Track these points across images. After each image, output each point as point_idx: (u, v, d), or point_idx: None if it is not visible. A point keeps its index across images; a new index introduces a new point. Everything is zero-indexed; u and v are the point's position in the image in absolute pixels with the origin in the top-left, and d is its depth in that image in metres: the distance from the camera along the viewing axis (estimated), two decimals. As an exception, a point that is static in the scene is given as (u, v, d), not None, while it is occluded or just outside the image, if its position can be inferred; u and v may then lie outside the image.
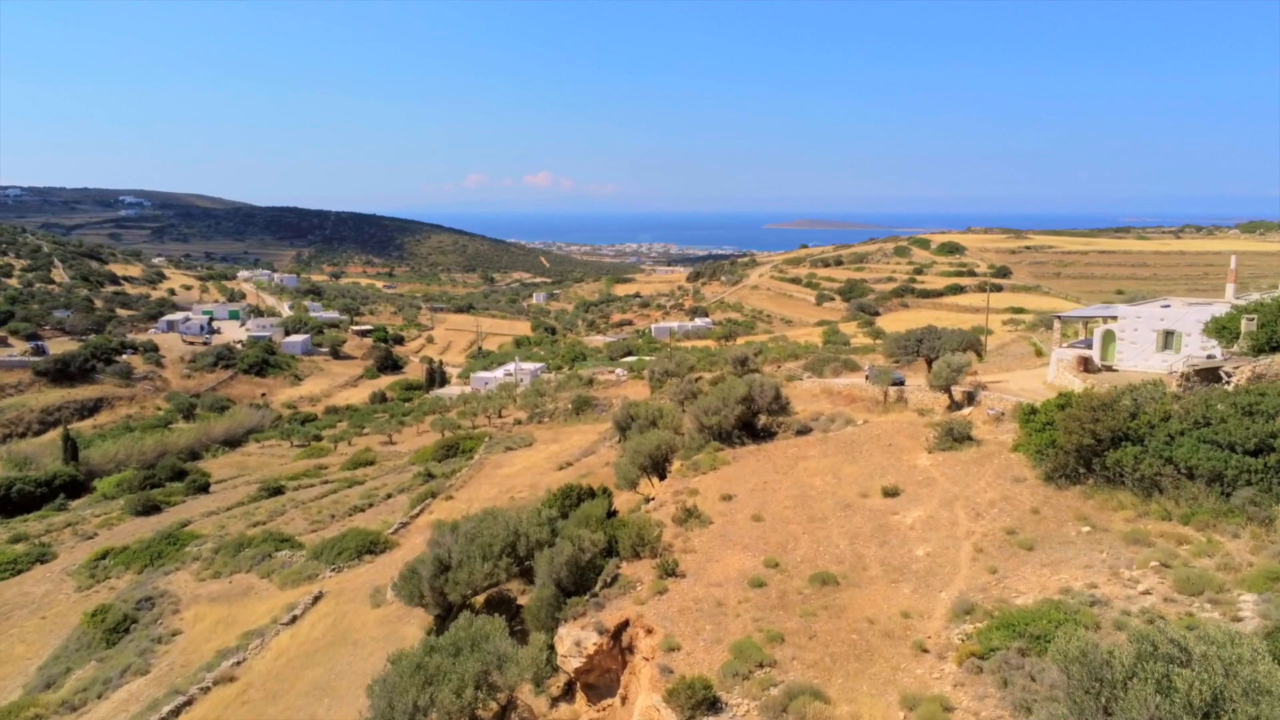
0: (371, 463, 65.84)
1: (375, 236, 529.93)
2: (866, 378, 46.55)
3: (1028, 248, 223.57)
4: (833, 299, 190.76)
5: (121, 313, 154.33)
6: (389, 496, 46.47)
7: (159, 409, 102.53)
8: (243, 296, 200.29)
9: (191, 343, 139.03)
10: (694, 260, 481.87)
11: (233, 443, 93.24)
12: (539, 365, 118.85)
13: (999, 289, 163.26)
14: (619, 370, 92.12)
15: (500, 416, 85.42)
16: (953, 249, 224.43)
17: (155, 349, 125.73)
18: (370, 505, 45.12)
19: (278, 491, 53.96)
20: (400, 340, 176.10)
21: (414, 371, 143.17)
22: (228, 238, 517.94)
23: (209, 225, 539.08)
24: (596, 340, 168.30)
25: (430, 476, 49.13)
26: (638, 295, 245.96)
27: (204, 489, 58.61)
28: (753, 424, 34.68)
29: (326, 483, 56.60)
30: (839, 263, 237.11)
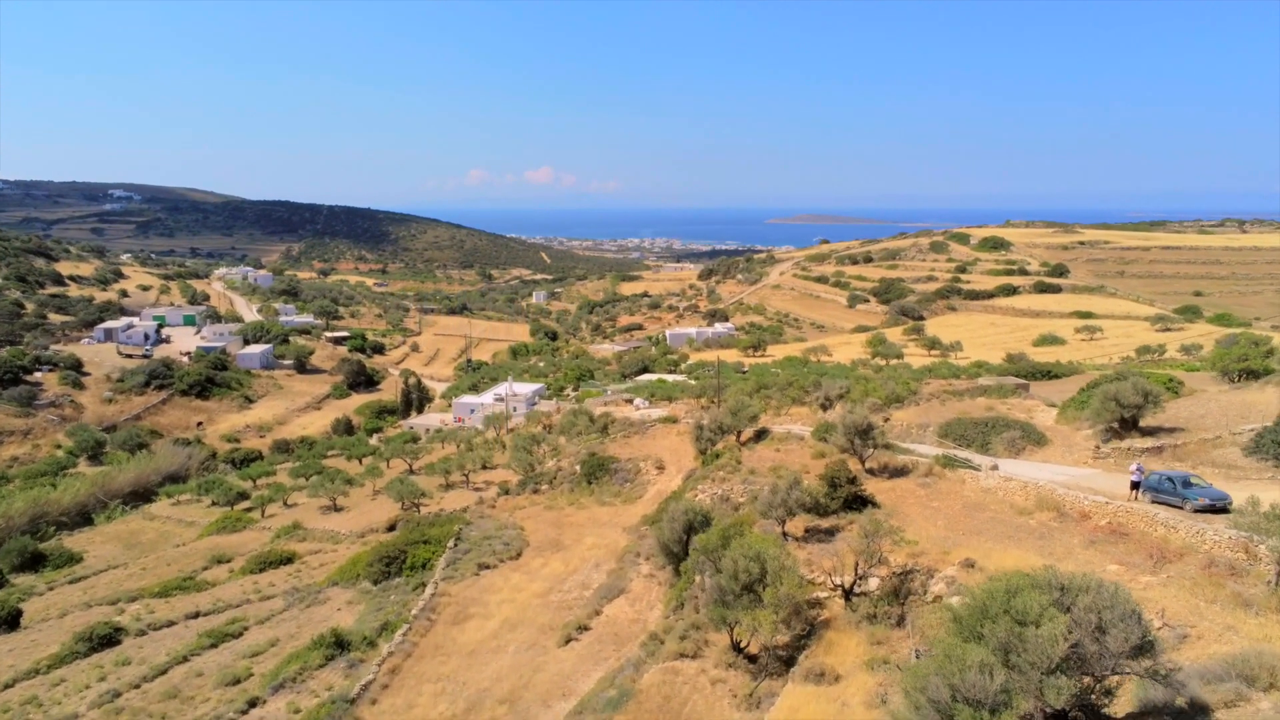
0: (289, 559, 45.08)
1: (369, 231, 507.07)
2: (1138, 485, 25.06)
3: (1080, 243, 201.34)
4: (867, 300, 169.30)
5: (55, 319, 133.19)
6: (254, 704, 25.45)
7: (58, 447, 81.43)
8: (207, 298, 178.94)
9: (130, 355, 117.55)
10: (698, 256, 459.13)
11: (144, 494, 72.48)
12: (537, 387, 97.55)
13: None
14: (639, 401, 70.70)
15: (485, 469, 64.59)
16: (997, 244, 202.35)
17: (78, 365, 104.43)
18: (211, 732, 24.28)
19: (109, 642, 33.17)
20: (380, 349, 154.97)
21: (391, 389, 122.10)
22: (216, 232, 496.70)
23: (197, 219, 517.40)
24: (603, 349, 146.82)
25: (341, 646, 28.09)
26: (646, 294, 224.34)
27: (13, 622, 37.70)
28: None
29: (196, 615, 35.91)
30: (868, 260, 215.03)
